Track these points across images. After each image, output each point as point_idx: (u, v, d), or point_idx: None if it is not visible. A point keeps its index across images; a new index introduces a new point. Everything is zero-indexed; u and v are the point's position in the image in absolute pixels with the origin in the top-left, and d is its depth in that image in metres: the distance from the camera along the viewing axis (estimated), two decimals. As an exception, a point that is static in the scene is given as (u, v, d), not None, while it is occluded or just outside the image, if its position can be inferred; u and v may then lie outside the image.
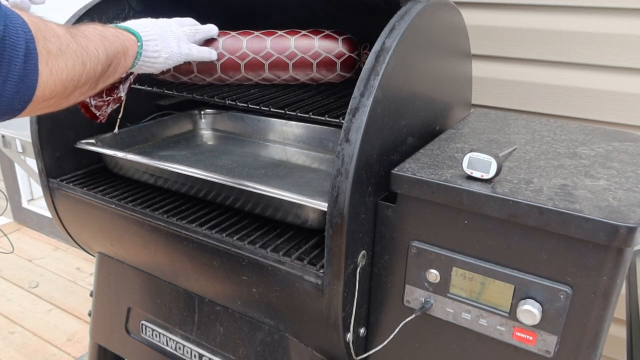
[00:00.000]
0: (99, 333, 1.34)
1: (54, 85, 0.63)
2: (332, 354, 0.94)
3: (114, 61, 0.79)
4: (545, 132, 1.00)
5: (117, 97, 1.03)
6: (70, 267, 2.51)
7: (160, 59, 0.93)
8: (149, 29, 0.91)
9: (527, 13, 1.26)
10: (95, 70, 0.72)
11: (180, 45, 0.97)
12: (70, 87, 0.67)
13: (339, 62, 1.08)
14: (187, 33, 1.00)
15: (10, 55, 0.56)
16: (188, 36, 1.00)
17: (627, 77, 1.19)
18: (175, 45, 0.96)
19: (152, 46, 0.90)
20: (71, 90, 0.68)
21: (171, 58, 0.95)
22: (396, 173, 0.80)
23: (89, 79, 0.71)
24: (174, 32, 0.96)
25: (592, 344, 0.73)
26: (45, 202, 1.23)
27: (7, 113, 0.61)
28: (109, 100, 1.02)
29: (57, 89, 0.65)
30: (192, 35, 1.01)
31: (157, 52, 0.92)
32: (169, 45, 0.94)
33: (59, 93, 0.66)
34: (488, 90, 1.36)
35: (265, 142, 1.40)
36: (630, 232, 0.65)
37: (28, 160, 1.90)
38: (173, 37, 0.95)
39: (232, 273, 0.95)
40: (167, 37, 0.94)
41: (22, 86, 0.59)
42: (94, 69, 0.72)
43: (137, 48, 0.87)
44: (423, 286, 0.84)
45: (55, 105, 0.68)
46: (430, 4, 0.88)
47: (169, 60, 0.95)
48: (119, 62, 0.81)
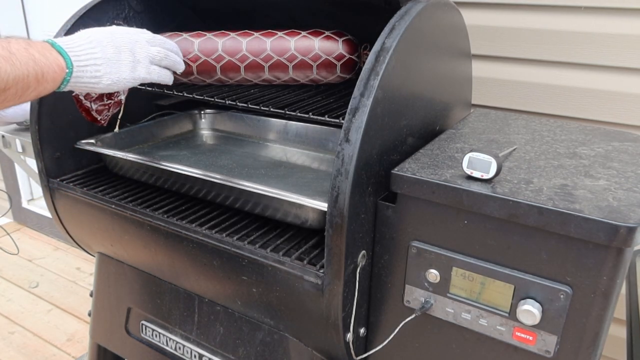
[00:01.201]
0: (99, 333, 1.34)
1: None
2: (332, 354, 0.94)
3: (17, 86, 0.73)
4: (545, 132, 1.00)
5: (118, 101, 1.03)
6: (70, 267, 2.51)
7: (101, 84, 0.85)
8: (95, 51, 0.83)
9: (527, 13, 1.26)
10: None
11: (136, 69, 0.89)
12: None
13: (339, 64, 1.08)
14: (152, 55, 0.92)
15: None
16: (152, 58, 0.92)
17: (627, 77, 1.19)
18: (127, 70, 0.87)
19: (91, 72, 0.83)
20: None
21: (117, 84, 0.87)
22: (396, 173, 0.80)
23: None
24: (135, 53, 0.88)
25: (592, 344, 0.73)
26: (45, 202, 1.23)
27: None
28: (110, 104, 1.02)
29: None
30: (160, 59, 0.94)
31: (97, 77, 0.84)
32: (117, 71, 0.86)
33: None
34: (488, 90, 1.36)
35: (265, 142, 1.40)
36: (630, 232, 0.65)
37: (28, 160, 1.90)
38: (129, 60, 0.87)
39: (232, 273, 0.95)
40: (119, 61, 0.86)
41: None
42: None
43: (64, 75, 0.80)
44: (423, 286, 0.84)
45: None
46: (430, 4, 0.88)
47: (113, 86, 0.87)
48: (25, 86, 0.74)
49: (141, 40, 0.90)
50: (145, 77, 0.91)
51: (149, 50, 0.91)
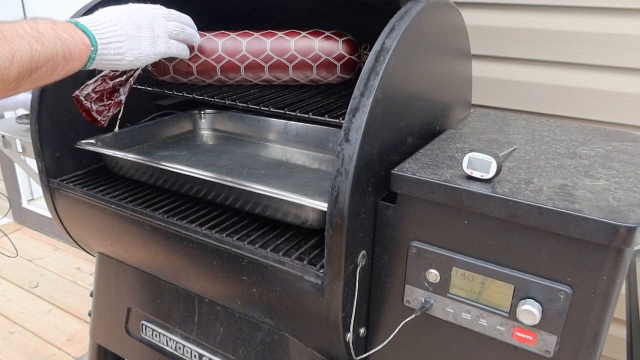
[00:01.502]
0: (99, 333, 1.34)
1: None
2: (332, 354, 0.94)
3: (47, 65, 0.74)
4: (545, 132, 1.00)
5: (118, 101, 1.04)
6: (70, 267, 2.51)
7: (125, 61, 0.87)
8: (116, 28, 0.85)
9: (527, 13, 1.26)
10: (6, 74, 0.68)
11: (156, 44, 0.91)
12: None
13: (339, 64, 1.08)
14: (170, 29, 0.94)
15: None
16: (170, 33, 0.94)
17: (627, 77, 1.19)
18: (147, 45, 0.89)
19: (115, 49, 0.85)
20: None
21: (139, 59, 0.89)
22: (396, 173, 0.80)
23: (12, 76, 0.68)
24: (154, 29, 0.90)
25: (592, 344, 0.73)
26: (45, 202, 1.23)
27: None
28: (110, 105, 1.03)
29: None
30: (177, 33, 0.96)
31: (121, 54, 0.86)
32: (138, 47, 0.88)
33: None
34: (488, 90, 1.36)
35: (265, 142, 1.40)
36: (630, 232, 0.65)
37: (28, 160, 1.90)
38: (148, 35, 0.89)
39: (232, 273, 0.95)
40: (140, 37, 0.88)
41: None
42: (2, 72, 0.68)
43: (89, 53, 0.81)
44: (423, 286, 0.84)
45: None
46: (430, 4, 0.88)
47: (136, 62, 0.89)
48: (55, 65, 0.76)
49: (158, 16, 0.92)
50: (165, 51, 0.94)
51: (167, 25, 0.93)
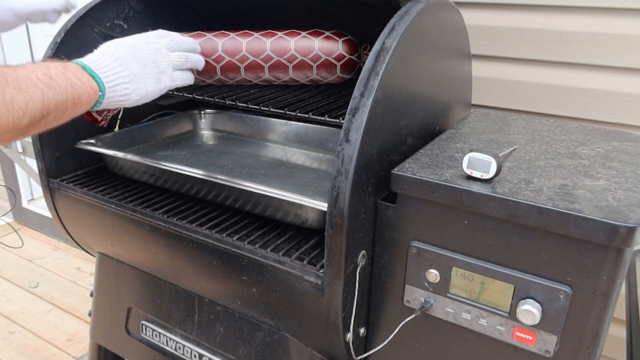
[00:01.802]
0: (99, 333, 1.34)
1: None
2: (332, 354, 0.94)
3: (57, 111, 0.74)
4: (545, 132, 1.00)
5: None
6: (70, 267, 2.51)
7: (130, 100, 0.87)
8: (122, 69, 0.84)
9: (527, 13, 1.26)
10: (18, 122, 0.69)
11: (161, 80, 0.90)
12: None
13: (339, 64, 1.08)
14: (174, 62, 0.92)
15: None
16: (174, 65, 0.93)
17: (627, 77, 1.19)
18: (153, 83, 0.89)
19: (121, 90, 0.84)
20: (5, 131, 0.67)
21: (145, 98, 0.89)
22: (396, 173, 0.80)
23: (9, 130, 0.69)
24: (158, 64, 0.89)
25: (592, 344, 0.73)
26: (45, 202, 1.23)
27: None
28: None
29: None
30: (181, 64, 0.94)
31: (127, 95, 0.85)
32: (144, 86, 0.87)
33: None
34: (488, 90, 1.36)
35: (265, 142, 1.40)
36: (630, 232, 0.65)
37: (28, 160, 1.90)
38: (153, 72, 0.88)
39: (232, 273, 0.95)
40: (144, 75, 0.87)
41: None
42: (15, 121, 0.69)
43: (97, 97, 0.81)
44: (423, 286, 0.84)
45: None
46: (430, 4, 0.88)
47: (141, 100, 0.89)
48: (64, 110, 0.76)
49: (161, 48, 0.91)
50: (170, 85, 0.92)
51: (170, 58, 0.92)
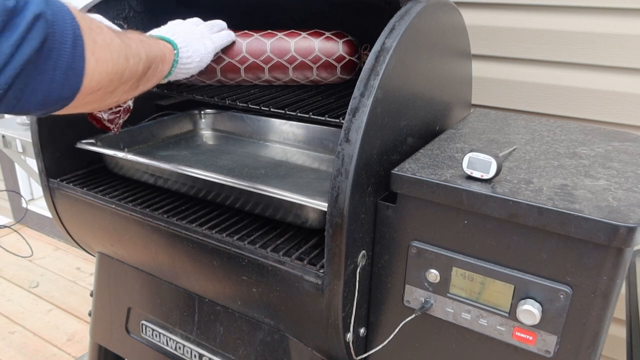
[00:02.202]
0: (99, 333, 1.34)
1: (100, 76, 0.64)
2: (332, 354, 0.94)
3: (153, 64, 0.80)
4: (545, 132, 1.00)
5: (127, 107, 1.05)
6: (70, 267, 2.52)
7: (193, 63, 0.96)
8: (177, 36, 0.93)
9: (527, 13, 1.26)
10: (137, 68, 0.73)
11: (206, 44, 0.99)
12: (115, 81, 0.68)
13: (339, 65, 1.08)
14: (205, 29, 1.02)
15: (59, 41, 0.57)
16: (208, 30, 1.02)
17: (627, 77, 1.19)
18: (201, 46, 0.97)
19: (185, 52, 0.93)
20: (116, 84, 0.69)
21: (203, 60, 0.98)
22: (396, 173, 0.80)
23: (132, 76, 0.73)
24: (196, 33, 0.98)
25: (592, 344, 0.73)
26: (45, 202, 1.23)
27: (58, 102, 0.62)
28: (120, 111, 1.04)
29: (103, 80, 0.65)
30: (210, 29, 1.03)
31: (190, 57, 0.94)
32: (197, 49, 0.96)
33: (105, 86, 0.66)
34: (488, 90, 1.36)
35: (265, 142, 1.40)
36: (630, 232, 0.65)
37: (28, 160, 1.91)
38: (196, 39, 0.97)
39: (232, 273, 0.95)
40: (192, 41, 0.96)
41: (70, 73, 0.60)
42: (136, 66, 0.73)
43: (173, 56, 0.90)
44: (423, 286, 0.84)
45: (100, 99, 0.69)
46: (430, 4, 0.88)
47: (201, 63, 0.98)
48: (157, 66, 0.82)
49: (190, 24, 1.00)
50: (214, 46, 1.01)
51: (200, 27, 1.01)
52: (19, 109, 0.59)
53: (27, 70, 0.56)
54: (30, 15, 0.54)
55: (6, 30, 0.52)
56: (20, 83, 0.56)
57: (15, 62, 0.54)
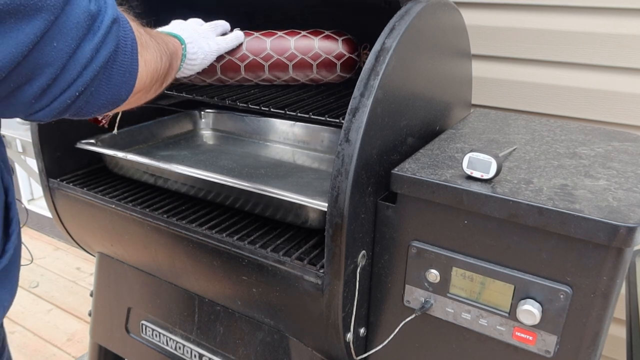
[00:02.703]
0: (99, 333, 1.34)
1: (146, 77, 0.66)
2: (332, 354, 0.94)
3: (173, 60, 0.81)
4: (545, 132, 1.00)
5: None
6: (70, 267, 2.51)
7: (198, 60, 0.96)
8: (183, 32, 0.93)
9: (527, 13, 1.26)
10: (166, 64, 0.75)
11: (210, 43, 0.99)
12: (154, 80, 0.70)
13: (339, 63, 1.08)
14: (209, 29, 1.02)
15: (124, 44, 0.59)
16: (211, 32, 1.02)
17: (627, 77, 1.19)
18: (205, 44, 0.98)
19: (191, 49, 0.93)
20: (152, 83, 0.70)
21: (207, 57, 0.98)
22: (396, 173, 0.80)
23: (163, 73, 0.74)
24: (200, 32, 0.98)
25: (592, 344, 0.73)
26: (45, 202, 1.23)
27: (114, 103, 0.62)
28: None
29: (147, 80, 0.67)
30: (213, 30, 1.03)
31: (195, 54, 0.94)
32: (201, 46, 0.96)
33: (147, 86, 0.68)
34: (488, 90, 1.36)
35: (265, 142, 1.40)
36: (630, 232, 0.65)
37: (28, 160, 1.91)
38: (201, 36, 0.97)
39: (232, 273, 0.95)
40: (197, 38, 0.96)
41: (129, 76, 0.61)
42: (165, 63, 0.75)
43: (182, 51, 0.90)
44: (423, 286, 0.84)
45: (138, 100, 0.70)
46: (430, 4, 0.88)
47: (205, 60, 0.98)
48: (175, 62, 0.83)
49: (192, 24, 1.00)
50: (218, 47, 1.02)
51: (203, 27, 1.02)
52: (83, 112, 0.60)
53: (102, 73, 0.57)
54: (109, 19, 0.56)
55: (89, 34, 0.54)
56: (93, 86, 0.57)
57: (95, 65, 0.55)
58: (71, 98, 0.56)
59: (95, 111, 0.61)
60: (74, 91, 0.55)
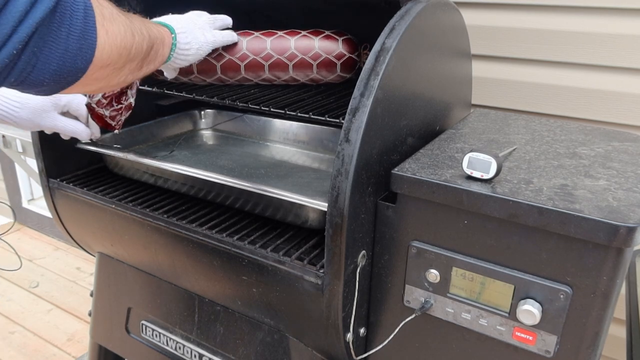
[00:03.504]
0: (99, 333, 1.34)
1: (110, 49, 0.65)
2: (332, 354, 0.94)
3: (155, 45, 0.80)
4: (545, 132, 1.00)
5: (128, 104, 1.04)
6: (70, 267, 2.51)
7: (192, 50, 0.95)
8: (175, 22, 0.93)
9: (527, 13, 1.26)
10: (142, 45, 0.74)
11: (206, 35, 0.99)
12: (123, 56, 0.69)
13: (339, 63, 1.08)
14: (207, 22, 1.02)
15: (71, 7, 0.58)
16: (209, 23, 1.02)
17: (627, 77, 1.19)
18: (201, 35, 0.97)
19: (183, 38, 0.92)
20: (124, 60, 0.69)
21: (201, 48, 0.98)
22: (396, 173, 0.80)
23: (137, 54, 0.73)
24: (197, 23, 0.98)
25: (592, 344, 0.73)
26: (45, 202, 1.23)
27: (71, 73, 0.61)
28: (121, 109, 1.03)
29: (113, 54, 0.66)
30: (212, 23, 1.03)
31: (188, 43, 0.94)
32: (196, 37, 0.96)
33: (114, 60, 0.67)
34: (488, 90, 1.36)
35: (265, 142, 1.40)
36: (630, 232, 0.65)
37: (28, 160, 1.90)
38: (197, 27, 0.97)
39: (232, 273, 0.95)
40: (193, 29, 0.96)
41: (84, 42, 0.60)
42: (141, 43, 0.73)
43: (172, 40, 0.89)
44: (423, 286, 0.84)
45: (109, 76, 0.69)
46: (430, 4, 0.88)
47: (200, 51, 0.98)
48: (158, 47, 0.82)
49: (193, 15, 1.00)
50: (214, 40, 1.01)
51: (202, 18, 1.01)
52: (33, 79, 0.58)
53: (41, 32, 0.56)
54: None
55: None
56: (34, 45, 0.56)
57: (31, 20, 0.54)
58: (9, 57, 0.54)
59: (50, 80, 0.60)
60: (10, 48, 0.53)
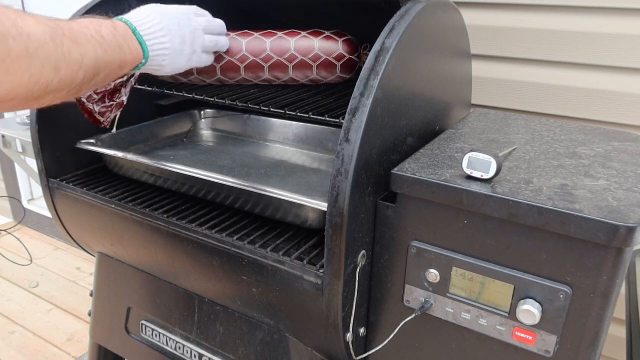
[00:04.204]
0: (99, 333, 1.34)
1: (11, 86, 0.59)
2: (332, 354, 0.94)
3: (105, 71, 0.74)
4: (545, 132, 1.00)
5: (120, 102, 1.04)
6: (70, 267, 2.52)
7: (162, 72, 0.90)
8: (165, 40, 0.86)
9: (527, 13, 1.26)
10: (74, 77, 0.67)
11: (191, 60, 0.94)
12: (37, 91, 0.63)
13: (339, 64, 1.08)
14: (206, 45, 0.97)
15: None
16: (205, 47, 0.97)
17: (627, 77, 1.19)
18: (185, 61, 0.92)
19: (159, 61, 0.87)
20: (39, 94, 0.64)
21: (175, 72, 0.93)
22: (396, 173, 0.80)
23: (65, 86, 0.67)
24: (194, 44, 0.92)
25: (592, 344, 0.73)
26: (45, 202, 1.23)
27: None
28: (112, 106, 1.03)
29: (17, 90, 0.61)
30: (210, 47, 0.99)
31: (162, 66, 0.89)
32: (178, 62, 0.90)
33: (21, 95, 0.62)
34: (488, 90, 1.36)
35: (265, 142, 1.40)
36: (630, 232, 0.65)
37: (28, 160, 1.91)
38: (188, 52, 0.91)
39: (232, 273, 0.95)
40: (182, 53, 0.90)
41: None
42: (72, 76, 0.67)
43: (138, 63, 0.83)
44: (423, 286, 0.84)
45: (22, 105, 0.64)
46: (430, 4, 0.88)
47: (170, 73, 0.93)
48: (111, 72, 0.76)
49: (199, 28, 0.94)
50: (196, 65, 0.97)
51: (204, 41, 0.96)
52: None
53: None
54: None
55: None
56: None
57: None
58: None
59: None
60: None
